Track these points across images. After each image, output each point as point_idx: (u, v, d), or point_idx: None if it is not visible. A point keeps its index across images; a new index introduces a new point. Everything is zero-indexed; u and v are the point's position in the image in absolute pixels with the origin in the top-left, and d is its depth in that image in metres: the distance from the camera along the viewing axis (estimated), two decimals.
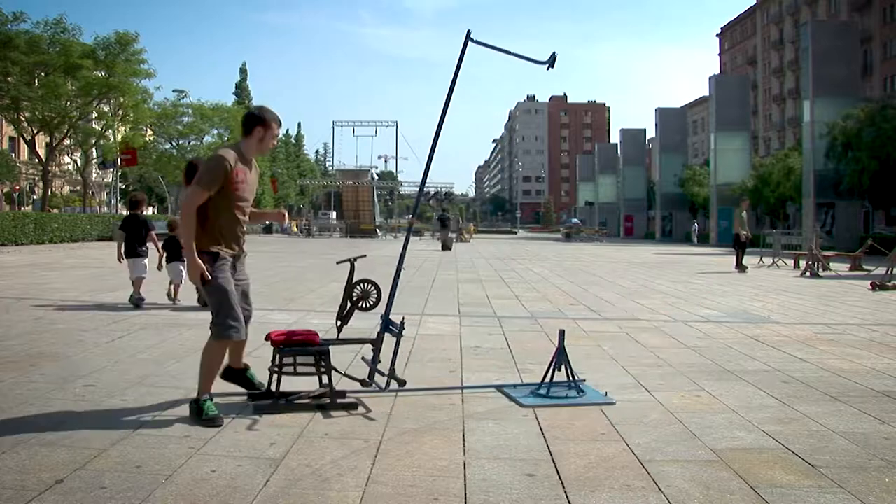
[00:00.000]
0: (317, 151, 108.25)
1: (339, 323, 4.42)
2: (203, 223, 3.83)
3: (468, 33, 4.57)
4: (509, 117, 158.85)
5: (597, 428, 3.82)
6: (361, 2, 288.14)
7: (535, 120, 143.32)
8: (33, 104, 31.09)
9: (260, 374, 4.27)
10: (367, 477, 3.02)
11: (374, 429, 3.73)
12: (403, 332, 4.38)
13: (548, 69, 4.50)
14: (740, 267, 17.28)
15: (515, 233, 76.75)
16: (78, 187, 53.48)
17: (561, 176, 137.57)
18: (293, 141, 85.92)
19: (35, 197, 49.42)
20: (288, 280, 12.89)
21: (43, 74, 30.66)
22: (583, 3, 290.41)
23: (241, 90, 65.86)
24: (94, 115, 36.45)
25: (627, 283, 13.74)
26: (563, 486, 2.96)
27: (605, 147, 77.74)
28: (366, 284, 4.44)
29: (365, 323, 6.16)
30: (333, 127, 62.09)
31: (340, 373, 4.31)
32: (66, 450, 3.24)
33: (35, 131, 33.44)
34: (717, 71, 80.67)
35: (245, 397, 4.18)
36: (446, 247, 27.99)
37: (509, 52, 4.68)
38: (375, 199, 56.71)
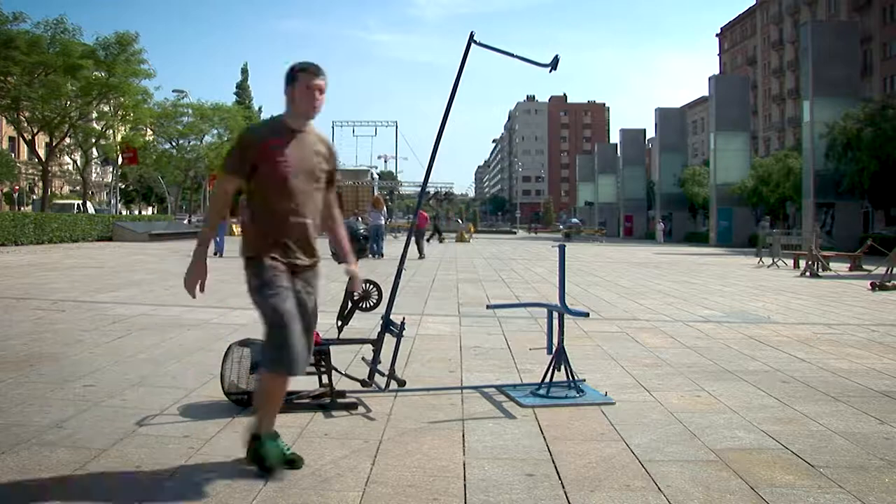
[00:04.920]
0: None
1: (339, 323, 4.42)
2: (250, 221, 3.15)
3: (471, 35, 4.57)
4: (509, 117, 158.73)
5: (597, 428, 3.82)
6: (368, 9, 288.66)
7: (535, 120, 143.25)
8: (33, 104, 31.07)
9: None
10: (366, 477, 3.02)
11: (374, 429, 3.73)
12: (403, 333, 4.38)
13: (550, 72, 4.51)
14: None
15: (515, 233, 76.61)
16: (78, 187, 53.46)
17: (561, 176, 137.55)
18: None
19: (35, 197, 49.41)
20: None
21: (43, 74, 30.63)
22: (584, 8, 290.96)
23: (242, 90, 65.70)
24: (95, 115, 36.44)
25: (627, 282, 13.75)
26: (563, 486, 2.96)
27: (604, 147, 77.53)
28: (366, 284, 4.44)
29: (365, 323, 6.16)
30: (333, 127, 61.99)
31: (340, 373, 4.31)
32: (66, 450, 3.24)
33: (35, 131, 33.43)
34: (716, 71, 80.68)
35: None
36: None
37: (512, 55, 4.68)
38: None
